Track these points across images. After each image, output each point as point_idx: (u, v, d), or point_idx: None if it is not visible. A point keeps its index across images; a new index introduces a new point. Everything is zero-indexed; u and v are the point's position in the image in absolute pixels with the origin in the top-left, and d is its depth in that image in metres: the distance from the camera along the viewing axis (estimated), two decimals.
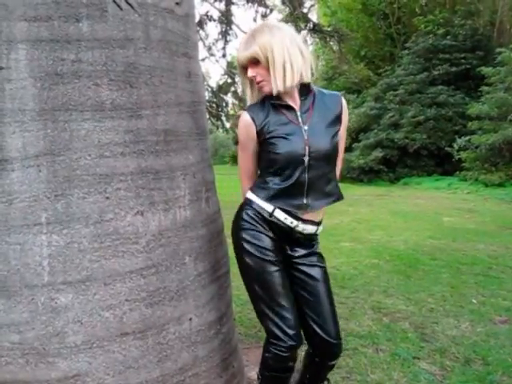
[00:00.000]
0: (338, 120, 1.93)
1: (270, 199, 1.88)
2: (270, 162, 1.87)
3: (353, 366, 2.73)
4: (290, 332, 1.85)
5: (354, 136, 17.74)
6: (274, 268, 1.88)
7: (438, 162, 16.04)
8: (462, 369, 2.67)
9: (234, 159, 32.40)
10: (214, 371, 1.99)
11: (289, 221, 1.88)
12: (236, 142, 30.67)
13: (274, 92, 1.82)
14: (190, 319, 1.89)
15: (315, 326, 1.94)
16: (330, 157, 1.90)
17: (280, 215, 1.88)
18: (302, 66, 1.83)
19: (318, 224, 1.97)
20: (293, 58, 1.80)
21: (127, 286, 1.71)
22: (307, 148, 1.83)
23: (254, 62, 1.82)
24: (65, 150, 1.63)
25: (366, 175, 16.47)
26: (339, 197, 1.97)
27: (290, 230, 1.90)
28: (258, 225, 1.89)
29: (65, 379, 1.65)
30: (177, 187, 1.86)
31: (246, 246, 1.89)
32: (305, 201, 1.87)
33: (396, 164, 16.55)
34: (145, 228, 1.75)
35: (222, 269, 2.12)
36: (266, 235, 1.90)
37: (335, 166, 1.97)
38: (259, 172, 1.97)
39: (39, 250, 1.62)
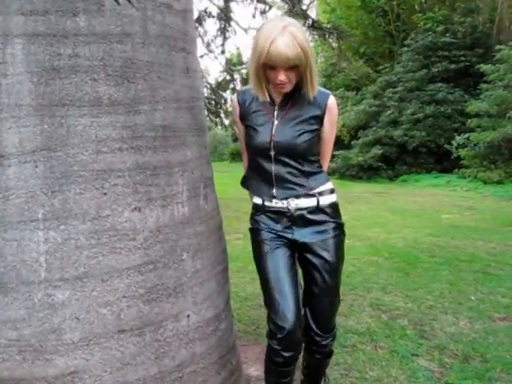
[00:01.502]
0: (315, 119, 1.93)
1: (249, 187, 2.08)
2: (247, 150, 2.05)
3: (351, 362, 2.72)
4: (281, 324, 1.85)
5: (353, 133, 17.72)
6: (269, 249, 1.96)
7: (437, 159, 16.02)
8: (460, 366, 2.67)
9: (233, 156, 32.38)
10: (212, 368, 1.99)
11: (279, 203, 1.97)
12: (235, 139, 30.61)
13: (311, 97, 1.89)
14: (188, 316, 1.88)
15: (308, 315, 2.02)
16: (295, 153, 1.92)
17: (267, 201, 2.00)
18: None
19: (315, 196, 1.97)
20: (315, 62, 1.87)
21: (125, 282, 1.70)
22: (272, 142, 1.90)
23: (291, 67, 1.78)
24: (62, 146, 1.61)
25: (364, 172, 16.46)
26: (308, 189, 1.95)
27: (288, 211, 1.96)
28: (257, 212, 2.05)
29: (62, 376, 1.64)
30: (175, 183, 1.85)
31: (250, 233, 2.08)
32: (273, 191, 1.97)
33: (395, 161, 16.54)
34: (142, 224, 1.74)
35: (220, 265, 2.11)
36: (264, 217, 2.02)
37: (308, 162, 1.96)
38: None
39: (36, 247, 1.61)
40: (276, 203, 1.97)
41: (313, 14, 20.36)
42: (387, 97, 17.20)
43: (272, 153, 1.92)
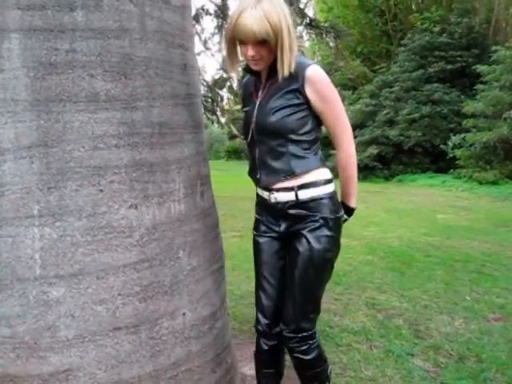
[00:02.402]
0: (292, 93, 1.79)
1: (250, 176, 2.03)
2: None
3: (346, 362, 2.72)
4: (261, 318, 1.98)
5: None
6: (258, 239, 1.99)
7: (433, 159, 16.06)
8: (455, 366, 2.67)
9: (229, 154, 32.41)
10: (208, 366, 1.98)
11: (265, 194, 1.93)
12: (231, 137, 30.54)
13: (281, 77, 1.76)
14: (184, 314, 1.87)
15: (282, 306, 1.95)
16: (273, 132, 1.81)
17: (258, 190, 1.99)
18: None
19: (293, 189, 1.82)
20: (294, 40, 1.74)
21: (120, 279, 1.69)
22: (253, 123, 1.86)
23: (261, 41, 1.69)
24: (58, 142, 1.60)
25: (360, 172, 16.31)
26: (290, 173, 1.82)
27: (270, 202, 1.91)
28: (256, 204, 2.04)
29: (56, 374, 1.63)
30: (171, 180, 1.84)
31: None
32: (258, 175, 1.92)
33: (391, 161, 16.56)
34: (139, 221, 1.73)
35: (216, 263, 2.10)
36: (259, 211, 2.02)
37: (292, 143, 1.81)
38: None
39: (31, 243, 1.60)
40: (262, 193, 1.94)
41: (310, 12, 20.37)
42: (383, 96, 17.22)
43: (254, 134, 1.87)
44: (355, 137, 17.13)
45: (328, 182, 1.87)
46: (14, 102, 1.57)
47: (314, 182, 1.83)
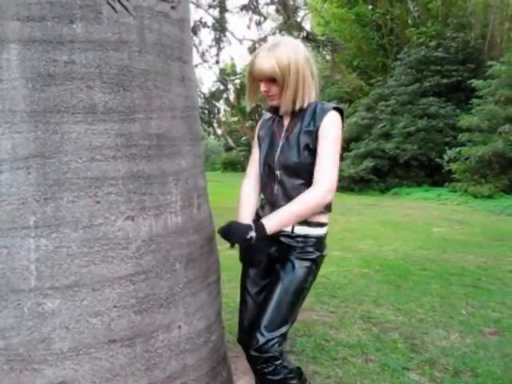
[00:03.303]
0: (312, 138, 1.89)
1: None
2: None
3: (342, 375, 2.70)
4: (239, 330, 2.13)
5: (345, 145, 17.78)
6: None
7: (428, 172, 16.13)
8: (451, 380, 2.66)
9: (225, 166, 32.43)
10: (203, 380, 1.96)
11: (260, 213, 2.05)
12: (228, 149, 30.56)
13: (282, 112, 1.96)
14: (180, 327, 1.86)
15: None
16: (296, 173, 1.92)
17: (259, 210, 2.08)
18: (311, 89, 1.93)
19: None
20: (306, 82, 1.90)
21: (116, 292, 1.68)
22: (276, 162, 1.96)
23: (270, 79, 1.88)
24: (55, 153, 1.60)
25: (356, 184, 16.51)
26: None
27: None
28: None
29: None
30: (168, 193, 1.83)
31: None
32: (269, 210, 1.98)
33: (386, 174, 16.62)
34: (135, 233, 1.72)
35: (212, 276, 2.09)
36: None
37: (307, 183, 1.90)
38: None
39: (27, 254, 1.59)
40: (262, 214, 2.03)
41: (307, 26, 20.53)
42: (379, 110, 17.32)
43: (275, 171, 1.97)
44: (351, 150, 17.21)
45: (323, 225, 1.99)
46: (11, 113, 1.57)
47: (310, 222, 1.94)
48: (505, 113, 12.51)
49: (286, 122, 2.00)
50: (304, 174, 1.91)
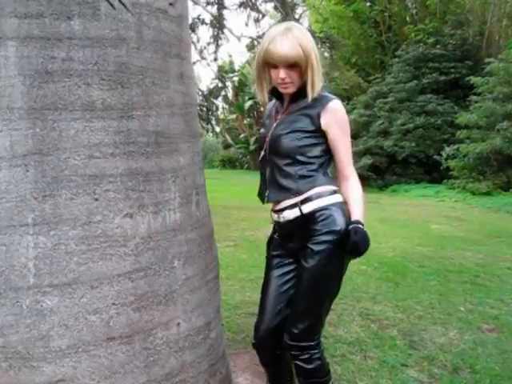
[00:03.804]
0: (309, 118, 1.90)
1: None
2: None
3: (341, 372, 2.71)
4: (257, 332, 2.06)
5: None
6: (268, 263, 2.09)
7: (427, 169, 16.12)
8: (449, 377, 2.66)
9: (223, 163, 32.38)
10: (202, 377, 1.96)
11: (275, 216, 2.02)
12: (226, 146, 30.59)
13: (310, 98, 1.89)
14: (178, 324, 1.86)
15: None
16: (284, 152, 1.92)
17: (272, 213, 2.05)
18: (320, 74, 1.91)
19: (297, 205, 1.91)
20: (320, 66, 1.89)
21: (115, 289, 1.68)
22: (267, 142, 1.97)
23: (292, 64, 1.83)
24: (53, 150, 1.60)
25: None
26: (295, 192, 1.91)
27: (280, 223, 2.00)
28: (273, 226, 2.12)
29: None
30: (167, 190, 1.83)
31: None
32: (267, 193, 2.00)
33: (385, 171, 16.60)
34: (134, 231, 1.72)
35: (211, 273, 2.09)
36: (273, 232, 2.12)
37: (297, 162, 1.91)
38: None
39: (25, 252, 1.59)
40: (273, 216, 2.03)
41: (305, 23, 20.51)
42: (378, 107, 17.29)
43: (266, 153, 1.98)
44: None
45: (333, 192, 1.94)
46: (9, 110, 1.57)
47: (317, 193, 1.91)
48: (503, 110, 12.48)
49: (285, 103, 2.01)
50: (292, 155, 1.91)
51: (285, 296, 2.00)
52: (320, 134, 1.92)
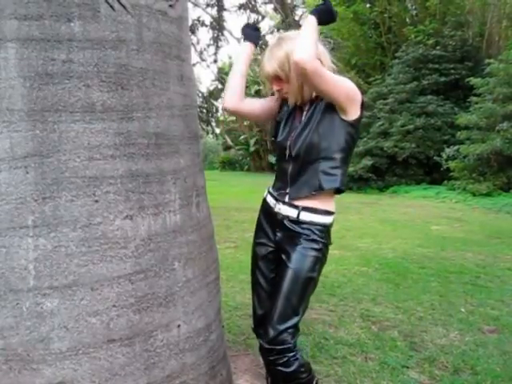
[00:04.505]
0: (330, 108, 1.94)
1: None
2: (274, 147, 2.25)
3: (342, 374, 2.70)
4: (255, 315, 2.17)
5: None
6: (256, 247, 2.16)
7: (427, 170, 16.13)
8: (450, 378, 2.66)
9: (224, 165, 32.39)
10: (202, 379, 1.96)
11: (272, 202, 2.07)
12: (226, 148, 30.50)
13: (291, 105, 2.02)
14: (179, 326, 1.86)
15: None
16: (309, 150, 1.94)
17: (269, 198, 2.12)
18: None
19: (298, 208, 1.97)
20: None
21: (115, 291, 1.68)
22: (290, 143, 1.99)
23: (276, 78, 1.97)
24: (53, 152, 1.59)
25: (355, 183, 16.49)
26: (318, 188, 1.96)
27: (273, 211, 2.05)
28: (261, 212, 2.18)
29: None
30: (167, 191, 1.83)
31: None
32: (287, 190, 2.02)
33: (385, 172, 16.60)
34: (134, 232, 1.72)
35: (211, 275, 2.09)
36: (261, 218, 2.16)
37: (321, 159, 1.95)
38: None
39: (25, 254, 1.58)
40: (270, 201, 2.09)
41: None
42: (378, 108, 17.29)
43: (291, 152, 1.99)
44: None
45: (329, 213, 2.03)
46: (9, 112, 1.57)
47: (317, 209, 1.98)
48: (503, 110, 12.50)
49: (306, 105, 2.03)
50: (317, 153, 1.94)
51: (272, 281, 2.08)
52: (342, 124, 1.93)
